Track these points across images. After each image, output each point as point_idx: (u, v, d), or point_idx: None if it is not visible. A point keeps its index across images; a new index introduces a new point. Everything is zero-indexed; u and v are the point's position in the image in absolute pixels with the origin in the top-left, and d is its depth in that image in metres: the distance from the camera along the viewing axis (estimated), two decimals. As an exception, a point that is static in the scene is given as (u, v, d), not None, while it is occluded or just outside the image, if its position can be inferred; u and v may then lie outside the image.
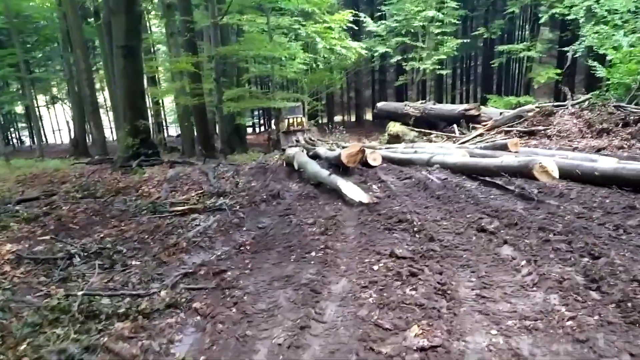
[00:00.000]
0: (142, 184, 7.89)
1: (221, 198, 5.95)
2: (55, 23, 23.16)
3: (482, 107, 16.34)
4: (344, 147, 9.36)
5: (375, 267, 3.10)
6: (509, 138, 12.68)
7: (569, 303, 2.33)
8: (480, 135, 14.14)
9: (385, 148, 12.52)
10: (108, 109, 33.73)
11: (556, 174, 5.10)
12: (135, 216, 5.35)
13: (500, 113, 14.51)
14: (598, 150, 8.93)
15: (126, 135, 10.18)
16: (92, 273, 3.35)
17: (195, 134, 17.69)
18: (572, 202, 4.58)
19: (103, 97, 33.77)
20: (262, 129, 42.38)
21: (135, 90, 10.56)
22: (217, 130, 18.76)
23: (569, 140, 10.83)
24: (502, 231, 3.70)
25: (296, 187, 7.04)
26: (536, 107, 13.44)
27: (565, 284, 2.53)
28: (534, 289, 2.57)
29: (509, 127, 13.71)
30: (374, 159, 8.50)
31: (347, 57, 20.31)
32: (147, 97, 14.99)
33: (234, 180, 7.74)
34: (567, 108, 12.46)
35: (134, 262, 3.67)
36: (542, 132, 12.06)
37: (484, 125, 14.80)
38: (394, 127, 17.47)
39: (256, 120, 43.77)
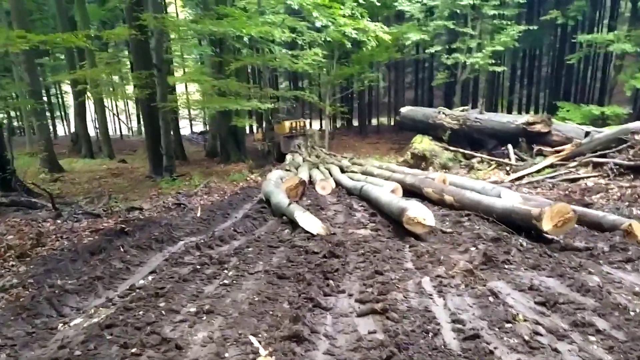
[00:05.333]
0: None
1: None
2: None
3: (553, 120, 11.51)
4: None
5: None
6: (600, 176, 8.00)
7: None
8: (552, 166, 9.43)
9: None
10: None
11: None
12: None
13: (587, 133, 9.68)
14: None
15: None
16: None
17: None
18: None
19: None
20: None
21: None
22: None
23: None
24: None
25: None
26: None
27: None
28: None
29: (599, 155, 8.97)
30: (323, 187, 8.99)
31: (367, 42, 15.89)
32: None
33: None
34: None
35: None
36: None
37: (557, 151, 10.04)
38: (421, 143, 12.94)
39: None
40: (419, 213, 5.06)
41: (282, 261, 4.14)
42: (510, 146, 11.22)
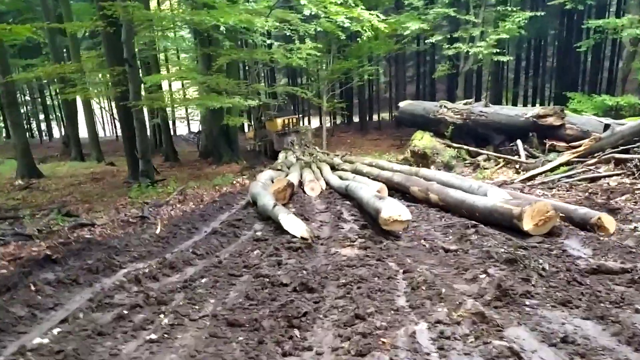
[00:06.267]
0: None
1: None
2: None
3: (566, 112, 10.56)
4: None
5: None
6: (624, 174, 7.12)
7: None
8: (568, 164, 8.50)
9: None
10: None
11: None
12: None
13: (607, 126, 8.73)
14: None
15: None
16: None
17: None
18: None
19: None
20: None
21: None
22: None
23: None
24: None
25: None
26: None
27: None
28: None
29: (621, 150, 8.04)
30: (312, 188, 9.06)
31: (362, 33, 14.93)
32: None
33: None
34: None
35: None
36: None
37: (573, 147, 9.11)
38: (421, 139, 12.02)
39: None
40: (393, 211, 5.04)
41: (240, 299, 3.24)
42: (519, 142, 10.27)
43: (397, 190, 8.31)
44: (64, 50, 23.55)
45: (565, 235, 4.91)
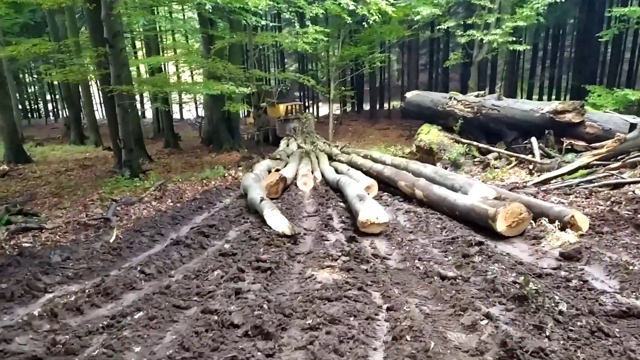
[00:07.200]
0: None
1: None
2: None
3: (586, 108, 9.68)
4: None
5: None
6: None
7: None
8: (587, 167, 7.68)
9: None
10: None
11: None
12: None
13: (633, 125, 7.87)
14: None
15: None
16: None
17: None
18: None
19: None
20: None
21: None
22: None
23: None
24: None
25: None
26: None
27: None
28: None
29: (649, 154, 7.20)
30: (305, 182, 8.78)
31: (368, 16, 14.06)
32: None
33: None
34: None
35: None
36: None
37: (593, 147, 8.28)
38: (428, 133, 11.21)
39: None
40: (370, 214, 5.14)
41: (172, 349, 2.56)
42: (534, 139, 9.43)
43: (388, 185, 8.33)
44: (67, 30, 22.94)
45: (585, 260, 4.16)
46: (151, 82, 12.36)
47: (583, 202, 6.51)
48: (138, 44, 26.80)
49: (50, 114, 45.16)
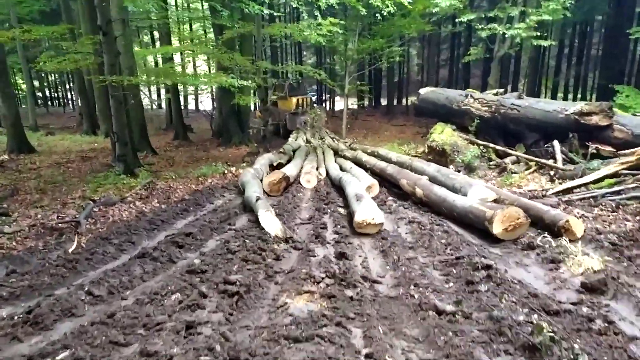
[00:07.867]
0: None
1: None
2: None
3: (615, 110, 8.89)
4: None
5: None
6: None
7: None
8: (615, 176, 6.97)
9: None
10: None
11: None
12: None
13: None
14: None
15: None
16: None
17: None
18: None
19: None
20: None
21: None
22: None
23: None
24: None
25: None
26: None
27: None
28: None
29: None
30: (308, 180, 8.60)
31: (382, 8, 13.38)
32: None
33: None
34: None
35: None
36: None
37: (621, 154, 7.54)
38: (441, 133, 10.54)
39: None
40: (366, 215, 5.17)
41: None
42: (556, 143, 8.69)
43: (390, 183, 8.28)
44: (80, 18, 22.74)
45: (612, 293, 3.53)
46: (155, 73, 11.91)
47: (609, 216, 5.83)
48: (156, 34, 26.54)
49: (70, 102, 45.42)
